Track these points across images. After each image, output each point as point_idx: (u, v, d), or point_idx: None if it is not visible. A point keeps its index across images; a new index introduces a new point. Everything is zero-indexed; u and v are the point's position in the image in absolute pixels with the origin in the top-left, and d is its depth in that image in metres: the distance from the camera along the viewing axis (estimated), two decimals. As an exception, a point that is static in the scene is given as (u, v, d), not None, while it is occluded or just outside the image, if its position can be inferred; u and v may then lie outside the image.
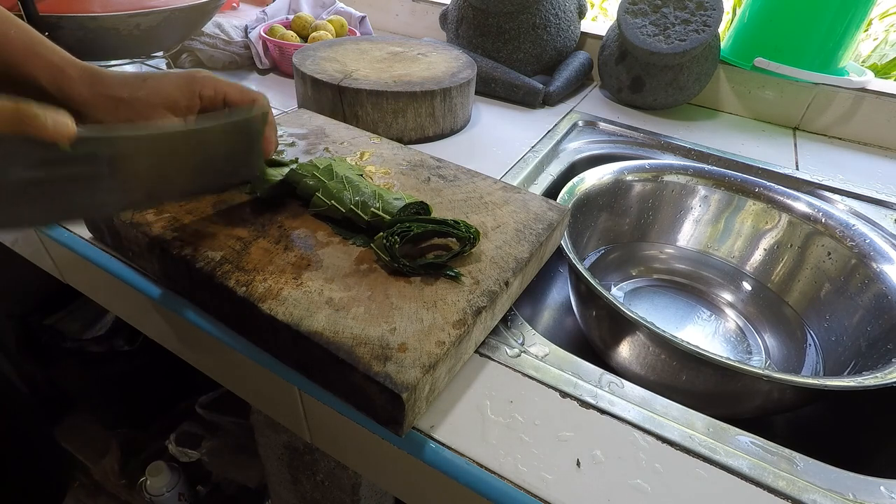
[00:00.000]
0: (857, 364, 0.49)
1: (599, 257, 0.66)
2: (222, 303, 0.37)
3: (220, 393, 0.98)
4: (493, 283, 0.37)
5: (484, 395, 0.36)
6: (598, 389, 0.37)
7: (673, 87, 0.78)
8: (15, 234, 0.56)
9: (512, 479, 0.31)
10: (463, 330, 0.34)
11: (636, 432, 0.34)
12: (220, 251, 0.38)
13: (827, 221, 0.58)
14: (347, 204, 0.41)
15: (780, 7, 0.77)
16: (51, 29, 0.56)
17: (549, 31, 0.82)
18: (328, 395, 0.35)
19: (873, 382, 0.38)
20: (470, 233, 0.39)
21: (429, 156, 0.53)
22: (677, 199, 0.65)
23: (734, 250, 0.65)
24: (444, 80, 0.66)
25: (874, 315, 0.51)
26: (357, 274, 0.37)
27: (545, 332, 0.60)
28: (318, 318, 0.33)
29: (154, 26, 0.63)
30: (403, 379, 0.30)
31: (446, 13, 0.92)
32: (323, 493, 0.63)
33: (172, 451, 0.99)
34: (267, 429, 0.62)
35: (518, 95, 0.80)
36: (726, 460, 0.33)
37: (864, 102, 0.78)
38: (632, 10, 0.77)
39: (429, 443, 0.33)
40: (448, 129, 0.69)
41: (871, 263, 0.53)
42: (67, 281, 0.55)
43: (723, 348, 0.58)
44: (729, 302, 0.63)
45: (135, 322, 0.52)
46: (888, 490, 0.33)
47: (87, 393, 1.09)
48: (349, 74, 0.65)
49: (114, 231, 0.43)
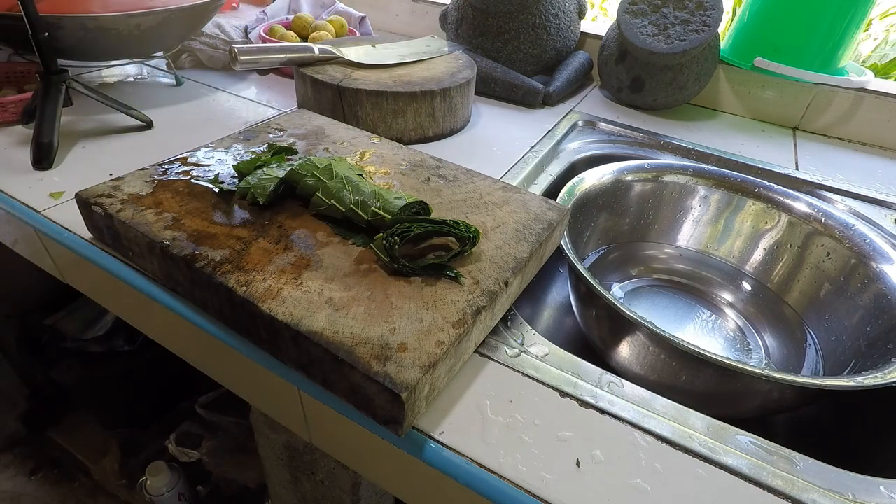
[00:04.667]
0: (856, 364, 0.49)
1: (599, 257, 0.66)
2: (222, 303, 0.37)
3: (219, 393, 0.98)
4: (493, 283, 0.37)
5: (484, 395, 0.36)
6: (597, 389, 0.37)
7: (673, 87, 0.78)
8: (15, 235, 0.56)
9: (512, 479, 0.31)
10: (463, 330, 0.34)
11: (636, 432, 0.34)
12: (220, 251, 0.38)
13: (827, 221, 0.58)
14: (347, 203, 0.41)
15: (780, 7, 0.77)
16: (51, 29, 0.56)
17: (549, 31, 0.83)
18: (328, 395, 0.35)
19: (873, 382, 0.38)
20: (470, 233, 0.39)
21: (429, 156, 0.53)
22: (677, 199, 0.65)
23: (734, 250, 0.65)
24: (444, 80, 0.66)
25: (874, 315, 0.51)
26: (357, 274, 0.37)
27: (545, 332, 0.60)
28: (317, 318, 0.33)
29: (154, 26, 0.63)
30: (403, 379, 0.30)
31: (446, 13, 0.92)
32: (323, 493, 0.63)
33: (172, 451, 0.99)
34: (267, 429, 0.62)
35: (518, 95, 0.80)
36: (726, 460, 0.33)
37: (864, 102, 0.78)
38: (632, 10, 0.77)
39: (429, 443, 0.33)
40: (448, 129, 0.69)
41: (871, 263, 0.53)
42: (67, 281, 0.55)
43: (722, 348, 0.58)
44: (729, 302, 0.63)
45: (135, 322, 0.52)
46: (888, 490, 0.33)
47: (87, 393, 1.09)
48: (349, 74, 0.65)
49: (114, 231, 0.43)
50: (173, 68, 0.78)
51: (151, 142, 0.63)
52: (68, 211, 0.50)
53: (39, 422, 1.19)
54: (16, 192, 0.52)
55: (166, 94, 0.75)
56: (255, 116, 0.71)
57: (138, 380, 1.08)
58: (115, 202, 0.42)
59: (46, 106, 0.58)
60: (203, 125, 0.67)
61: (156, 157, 0.56)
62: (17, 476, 1.14)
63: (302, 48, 0.67)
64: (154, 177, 0.46)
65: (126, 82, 0.79)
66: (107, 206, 0.42)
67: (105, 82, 0.78)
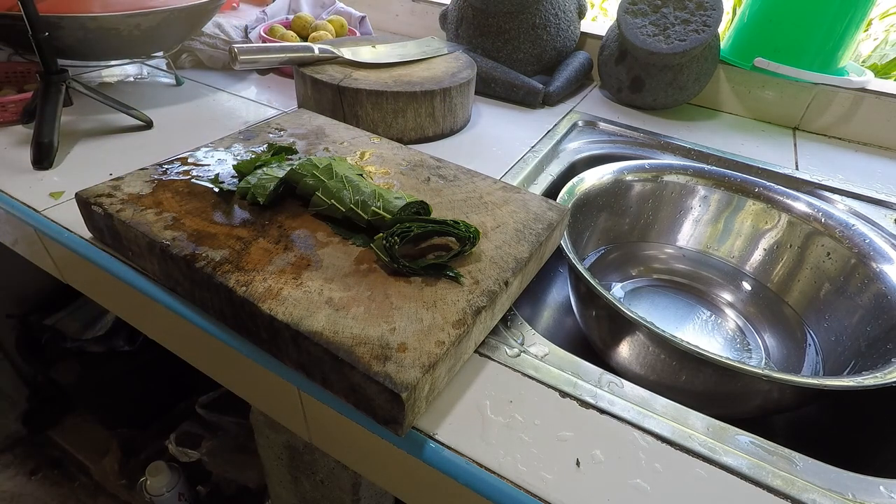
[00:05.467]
0: (856, 364, 0.49)
1: (599, 257, 0.66)
2: (222, 303, 0.37)
3: (219, 393, 0.98)
4: (493, 283, 0.37)
5: (484, 395, 0.36)
6: (597, 389, 0.37)
7: (673, 87, 0.78)
8: (15, 235, 0.56)
9: (511, 479, 0.31)
10: (463, 330, 0.34)
11: (636, 432, 0.34)
12: (220, 251, 0.38)
13: (827, 221, 0.58)
14: (347, 203, 0.41)
15: (780, 7, 0.77)
16: (51, 29, 0.56)
17: (549, 31, 0.83)
18: (328, 395, 0.35)
19: (873, 382, 0.38)
20: (470, 233, 0.39)
21: (429, 156, 0.53)
22: (677, 199, 0.65)
23: (734, 250, 0.65)
24: (444, 80, 0.66)
25: (874, 315, 0.51)
26: (357, 274, 0.37)
27: (545, 332, 0.60)
28: (317, 318, 0.33)
29: (154, 26, 0.63)
30: (403, 379, 0.30)
31: (446, 13, 0.92)
32: (323, 493, 0.63)
33: (172, 451, 0.99)
34: (267, 429, 0.62)
35: (518, 95, 0.80)
36: (726, 460, 0.33)
37: (864, 102, 0.78)
38: (632, 10, 0.77)
39: (428, 442, 0.33)
40: (448, 129, 0.69)
41: (871, 263, 0.53)
42: (67, 281, 0.55)
43: (722, 348, 0.58)
44: (729, 302, 0.63)
45: (135, 322, 0.52)
46: (888, 490, 0.33)
47: (87, 393, 1.10)
48: (349, 74, 0.65)
49: (114, 231, 0.43)
50: (173, 68, 0.78)
51: (151, 142, 0.63)
52: (68, 211, 0.50)
53: (40, 422, 1.19)
54: (16, 192, 0.52)
55: (166, 94, 0.75)
56: (255, 116, 0.71)
57: (138, 380, 1.08)
58: (115, 202, 0.42)
59: (46, 106, 0.58)
60: (203, 125, 0.67)
61: (156, 157, 0.56)
62: (17, 476, 1.14)
63: (302, 48, 0.67)
64: (154, 177, 0.46)
65: (126, 82, 0.79)
66: (107, 206, 0.42)
67: (105, 82, 0.78)
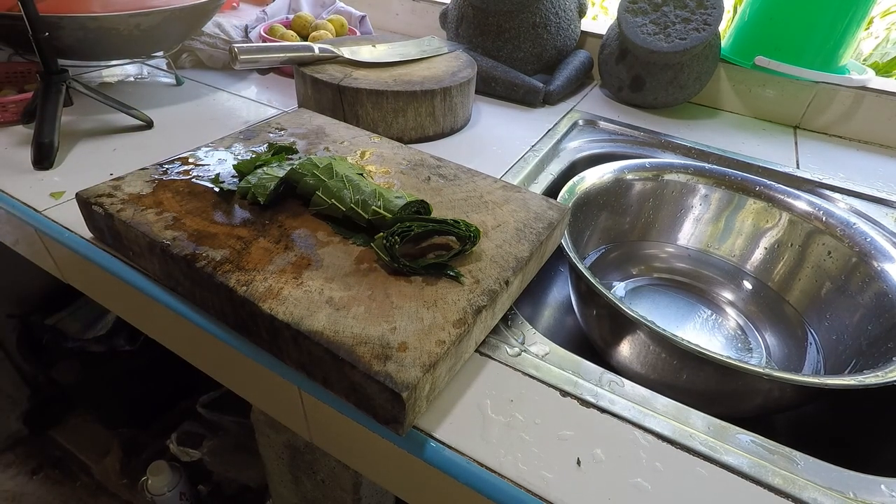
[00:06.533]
0: (857, 363, 0.49)
1: (600, 256, 0.66)
2: (223, 302, 0.37)
3: (220, 392, 0.98)
4: (494, 282, 0.37)
5: (484, 394, 0.36)
6: (598, 388, 0.37)
7: (673, 86, 0.78)
8: (15, 235, 0.56)
9: (512, 478, 0.31)
10: (463, 329, 0.34)
11: (637, 431, 0.34)
12: (221, 251, 0.38)
13: (827, 220, 0.58)
14: (348, 202, 0.41)
15: (781, 5, 0.77)
16: (51, 29, 0.56)
17: (549, 30, 0.82)
18: (329, 395, 0.35)
19: (874, 381, 0.38)
20: (470, 232, 0.39)
21: (429, 155, 0.53)
22: (678, 198, 0.65)
23: (735, 249, 0.65)
24: (445, 79, 0.66)
25: (875, 313, 0.51)
26: (357, 273, 0.37)
27: (545, 331, 0.60)
28: (318, 318, 0.33)
29: (154, 26, 0.63)
30: (404, 378, 0.30)
31: (446, 12, 0.92)
32: (323, 493, 0.63)
33: (173, 450, 0.99)
34: (267, 428, 0.62)
35: (518, 94, 0.80)
36: (727, 459, 0.33)
37: (865, 101, 0.77)
38: (632, 9, 0.77)
39: (429, 442, 0.33)
40: (448, 128, 0.69)
41: (872, 262, 0.53)
42: (68, 281, 0.55)
43: (723, 347, 0.58)
44: (730, 301, 0.63)
45: (135, 322, 0.52)
46: (889, 489, 0.33)
47: (87, 393, 1.10)
48: (349, 74, 0.65)
49: (114, 231, 0.43)
50: (173, 68, 0.78)
51: (152, 141, 0.63)
52: (69, 211, 0.50)
53: (41, 421, 1.19)
54: (16, 192, 0.52)
55: (166, 94, 0.75)
56: (255, 116, 0.71)
57: (139, 379, 1.08)
58: (115, 202, 0.42)
59: (47, 106, 0.58)
60: (203, 125, 0.67)
61: (156, 157, 0.56)
62: (18, 476, 1.14)
63: (302, 47, 0.67)
64: (154, 176, 0.46)
65: (126, 82, 0.79)
66: (107, 206, 0.42)
67: (105, 82, 0.78)
